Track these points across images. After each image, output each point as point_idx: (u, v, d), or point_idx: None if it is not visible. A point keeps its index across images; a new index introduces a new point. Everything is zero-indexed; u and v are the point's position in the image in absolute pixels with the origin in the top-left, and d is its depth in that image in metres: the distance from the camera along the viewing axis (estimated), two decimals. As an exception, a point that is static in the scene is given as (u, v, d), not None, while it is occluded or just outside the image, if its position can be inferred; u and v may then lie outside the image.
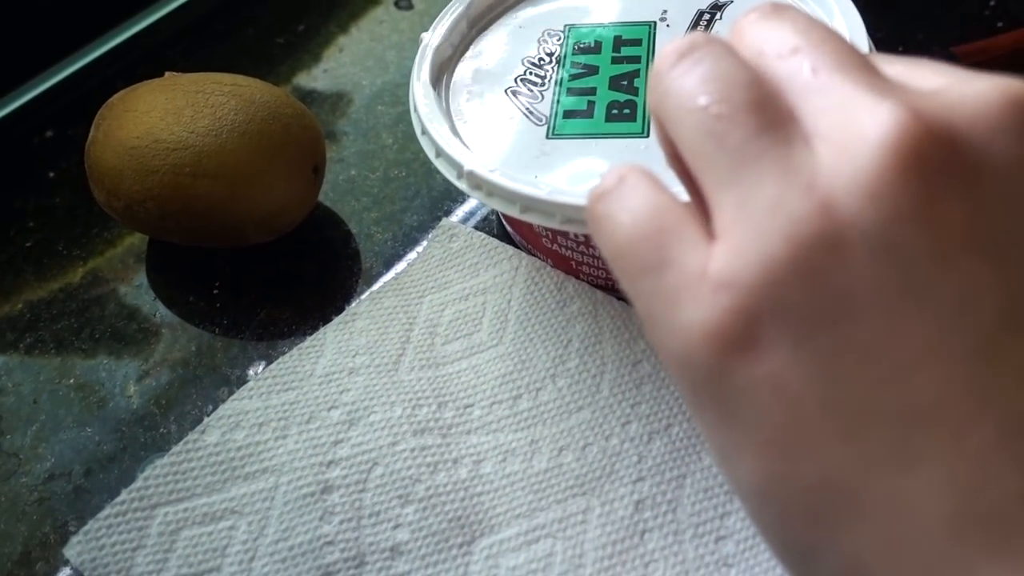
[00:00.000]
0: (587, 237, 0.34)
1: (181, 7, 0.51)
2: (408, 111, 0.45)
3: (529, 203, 0.31)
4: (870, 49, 0.33)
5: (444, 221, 0.39)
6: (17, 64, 0.47)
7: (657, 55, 0.21)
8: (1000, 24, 0.46)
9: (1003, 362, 0.16)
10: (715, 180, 0.18)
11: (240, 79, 0.37)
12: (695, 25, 0.37)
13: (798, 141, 0.18)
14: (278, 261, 0.39)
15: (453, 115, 0.36)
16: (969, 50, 0.43)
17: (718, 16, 0.37)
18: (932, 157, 0.16)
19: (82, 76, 0.48)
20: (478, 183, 0.32)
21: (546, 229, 0.35)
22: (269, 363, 0.36)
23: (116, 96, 0.38)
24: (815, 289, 0.16)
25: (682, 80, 0.19)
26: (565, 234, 0.35)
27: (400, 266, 0.39)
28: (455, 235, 0.38)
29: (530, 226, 0.36)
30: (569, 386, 0.33)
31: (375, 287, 0.37)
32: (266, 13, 0.50)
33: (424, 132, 0.35)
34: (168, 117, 0.36)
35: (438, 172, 0.42)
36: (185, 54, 0.49)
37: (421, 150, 0.43)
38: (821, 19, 0.35)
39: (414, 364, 0.34)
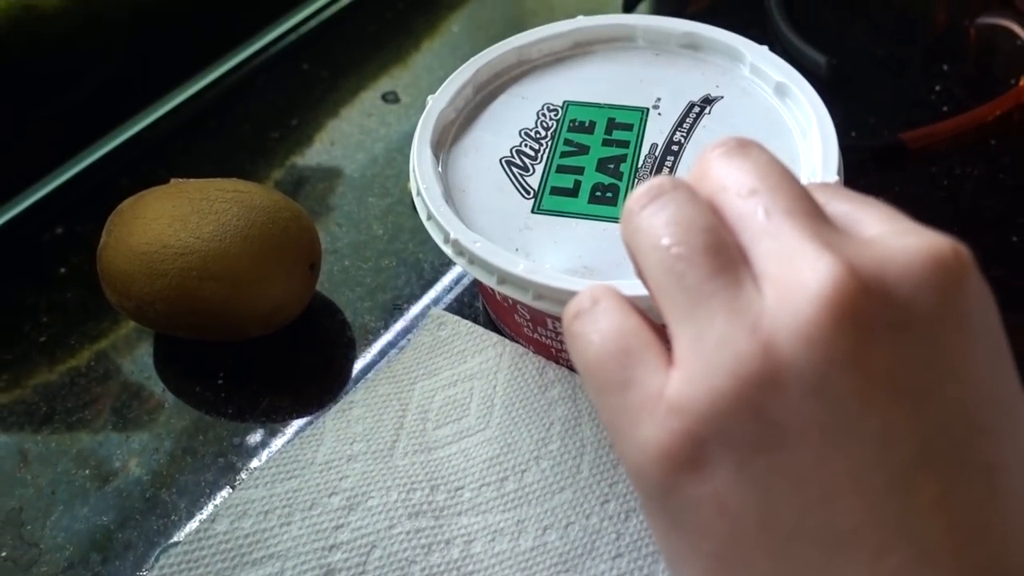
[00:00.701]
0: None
1: (180, 105, 0.54)
2: (396, 203, 0.48)
3: (505, 276, 0.34)
4: (839, 163, 0.36)
5: (433, 310, 0.42)
6: (26, 165, 0.50)
7: (630, 195, 0.23)
8: (945, 108, 0.49)
9: (915, 496, 0.18)
10: (674, 313, 0.21)
11: (240, 184, 0.40)
12: (686, 115, 0.40)
13: (748, 282, 0.20)
14: (279, 352, 0.42)
15: (449, 179, 0.38)
16: (916, 136, 0.47)
17: (707, 111, 0.40)
18: (862, 310, 0.19)
19: (88, 174, 0.51)
20: (461, 251, 0.35)
21: (528, 320, 0.38)
22: (272, 450, 0.38)
23: (125, 203, 0.41)
24: (755, 420, 0.19)
25: (650, 220, 0.22)
26: (544, 324, 0.37)
27: (393, 353, 0.42)
28: (443, 323, 0.41)
29: (513, 315, 0.39)
30: (552, 467, 0.36)
31: (370, 375, 0.40)
32: (260, 109, 0.54)
33: (419, 193, 0.37)
34: (175, 224, 0.38)
35: (424, 249, 0.45)
36: (185, 150, 0.52)
37: (410, 240, 0.46)
38: (802, 127, 0.38)
39: (408, 449, 0.37)
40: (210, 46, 0.56)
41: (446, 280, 0.44)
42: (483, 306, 0.43)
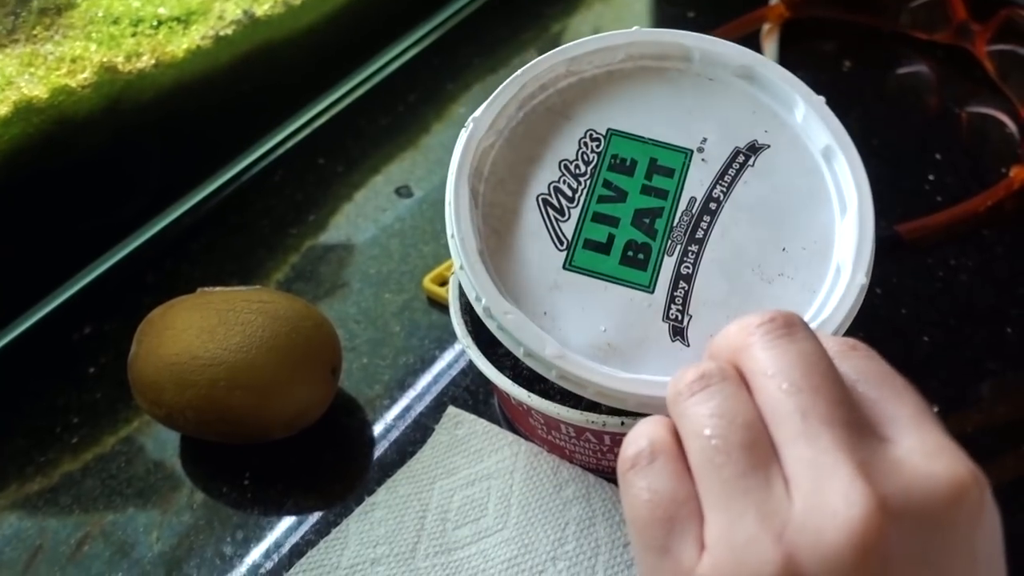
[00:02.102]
0: (578, 431, 0.38)
1: (201, 201, 0.56)
2: (412, 299, 0.50)
3: (530, 352, 0.34)
4: (870, 262, 0.36)
5: (450, 409, 0.43)
6: (54, 265, 0.52)
7: (677, 376, 0.25)
8: (939, 199, 0.51)
9: None
10: (709, 499, 0.23)
11: (264, 295, 0.42)
12: (729, 164, 0.38)
13: (778, 484, 0.22)
14: (302, 452, 0.43)
15: (482, 218, 0.37)
16: (911, 228, 0.49)
17: (751, 162, 0.38)
18: (884, 545, 0.20)
19: (113, 272, 0.53)
20: (491, 317, 0.35)
21: (542, 423, 0.39)
22: (297, 552, 0.40)
23: (155, 312, 0.43)
24: None
25: (696, 409, 0.24)
26: (558, 428, 0.39)
27: (412, 451, 0.43)
28: (460, 422, 0.43)
29: (527, 418, 0.40)
30: (568, 568, 0.37)
31: (390, 475, 0.42)
32: (279, 204, 0.56)
33: (453, 236, 0.36)
34: (203, 335, 0.40)
35: (441, 346, 0.47)
36: (207, 247, 0.54)
37: (426, 337, 0.48)
38: (843, 203, 0.36)
39: (428, 551, 0.39)
40: (229, 142, 0.58)
41: (462, 378, 0.46)
42: (498, 404, 0.44)
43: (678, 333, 0.35)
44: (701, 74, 0.40)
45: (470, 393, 0.45)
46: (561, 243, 0.37)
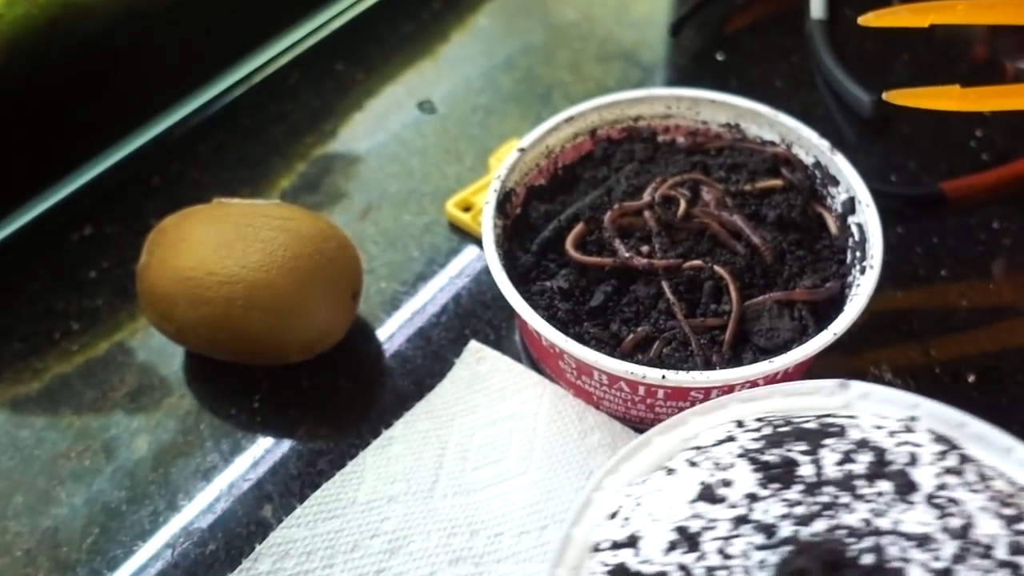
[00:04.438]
0: (611, 380, 0.37)
1: (212, 101, 0.53)
2: (433, 223, 0.47)
3: None
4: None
5: (471, 343, 0.42)
6: (54, 161, 0.49)
7: None
8: (985, 156, 0.49)
9: None
10: None
11: (286, 211, 0.40)
12: None
13: None
14: (316, 377, 0.41)
15: None
16: (956, 186, 0.47)
17: None
18: None
19: (117, 171, 0.50)
20: None
21: (572, 367, 0.38)
22: (311, 483, 0.38)
23: (168, 222, 0.40)
24: None
25: None
26: (590, 374, 0.37)
27: (430, 384, 0.41)
28: (482, 358, 0.41)
29: (557, 360, 0.39)
30: (591, 518, 0.36)
31: (407, 407, 0.40)
32: (295, 110, 0.53)
33: None
34: (221, 250, 0.38)
35: (462, 275, 0.45)
36: (217, 150, 0.51)
37: (446, 264, 0.46)
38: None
39: (447, 491, 0.37)
40: (244, 37, 0.55)
41: (484, 311, 0.44)
42: (521, 342, 0.42)
43: None
44: None
45: (492, 327, 0.43)
46: None
